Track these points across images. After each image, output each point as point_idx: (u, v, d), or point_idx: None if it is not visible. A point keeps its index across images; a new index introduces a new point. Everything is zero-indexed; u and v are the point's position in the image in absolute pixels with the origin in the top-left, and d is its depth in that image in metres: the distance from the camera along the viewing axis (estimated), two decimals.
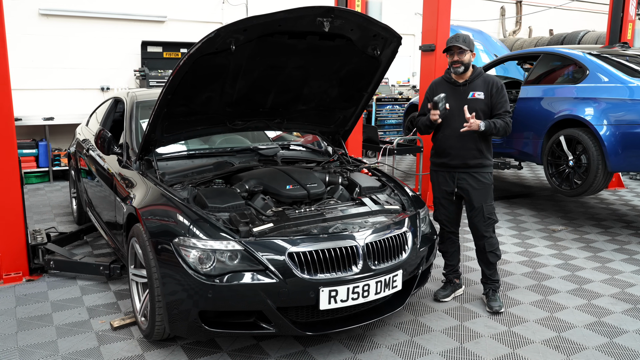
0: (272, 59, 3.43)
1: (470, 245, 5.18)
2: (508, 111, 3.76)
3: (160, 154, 3.98)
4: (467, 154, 3.77)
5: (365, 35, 3.46)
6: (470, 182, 3.80)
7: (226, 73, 3.38)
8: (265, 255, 2.91)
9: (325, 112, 4.23)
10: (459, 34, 3.75)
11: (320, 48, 3.49)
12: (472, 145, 3.76)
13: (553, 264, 4.87)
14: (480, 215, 3.83)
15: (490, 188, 3.85)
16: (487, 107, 3.76)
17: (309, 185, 3.56)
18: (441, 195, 3.96)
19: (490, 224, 3.86)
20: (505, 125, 3.71)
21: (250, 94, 3.70)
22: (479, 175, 3.80)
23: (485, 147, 3.81)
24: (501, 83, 3.79)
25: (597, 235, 5.77)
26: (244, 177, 3.66)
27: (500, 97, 3.74)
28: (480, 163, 3.79)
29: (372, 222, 3.30)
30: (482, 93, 3.75)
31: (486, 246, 3.87)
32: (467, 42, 3.70)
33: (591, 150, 5.40)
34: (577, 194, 5.69)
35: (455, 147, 3.78)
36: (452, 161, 3.82)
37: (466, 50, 3.67)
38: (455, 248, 4.10)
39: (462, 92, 3.79)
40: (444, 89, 3.82)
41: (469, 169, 3.80)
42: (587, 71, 5.73)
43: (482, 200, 3.81)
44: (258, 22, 2.99)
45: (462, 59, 3.69)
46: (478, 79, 3.79)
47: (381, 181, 4.00)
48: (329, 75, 3.83)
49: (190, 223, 3.01)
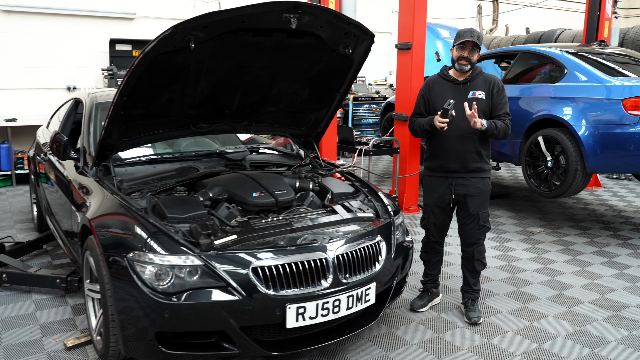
0: (236, 57, 3.22)
1: (449, 249, 5.04)
2: (508, 113, 3.55)
3: (120, 159, 3.74)
4: (466, 156, 3.55)
5: (335, 32, 3.27)
6: (468, 188, 3.58)
7: (187, 73, 3.15)
8: (228, 270, 2.69)
9: (296, 114, 4.03)
10: (473, 29, 3.51)
11: (288, 46, 3.28)
12: (471, 147, 3.54)
13: (532, 269, 4.74)
14: (474, 222, 3.64)
15: (488, 195, 3.67)
16: (487, 107, 3.55)
17: (277, 192, 3.35)
18: (434, 203, 3.72)
19: (484, 232, 3.69)
20: (506, 127, 3.50)
21: (215, 95, 3.48)
22: (478, 181, 3.59)
23: (485, 151, 3.60)
24: (502, 83, 3.60)
25: (576, 237, 5.66)
26: (208, 184, 3.44)
27: (501, 98, 3.54)
28: (479, 167, 3.58)
29: (344, 231, 3.11)
30: (483, 93, 3.53)
31: (475, 253, 3.69)
32: (481, 39, 3.48)
33: (569, 151, 5.28)
34: (555, 195, 5.58)
35: (453, 150, 3.55)
36: (449, 164, 3.60)
37: (479, 48, 3.49)
38: (439, 258, 3.92)
39: (462, 90, 3.57)
40: (442, 87, 3.62)
41: (467, 174, 3.58)
42: (565, 70, 5.62)
43: (478, 208, 3.62)
44: (219, 18, 2.77)
45: (472, 56, 3.47)
46: (478, 77, 3.58)
47: (354, 186, 3.81)
48: (299, 75, 3.62)
49: (146, 236, 2.77)
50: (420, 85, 6.47)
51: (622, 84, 5.08)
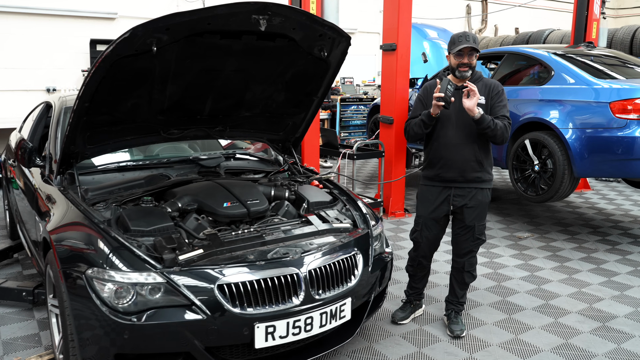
0: (205, 61, 3.05)
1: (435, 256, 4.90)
2: (507, 117, 3.33)
3: (89, 166, 3.57)
4: (464, 165, 3.35)
5: (309, 35, 3.11)
6: (466, 199, 3.39)
7: (152, 77, 2.99)
8: (192, 287, 2.53)
9: (272, 119, 3.87)
10: (468, 33, 3.34)
11: (260, 49, 3.12)
12: (470, 155, 3.35)
13: (519, 276, 4.61)
14: (469, 234, 3.47)
15: (486, 207, 3.49)
16: (485, 111, 3.32)
17: (249, 202, 3.20)
18: (428, 215, 3.52)
19: (478, 244, 3.52)
20: (504, 128, 3.26)
21: (184, 100, 3.31)
22: (477, 192, 3.39)
23: (486, 160, 3.40)
24: (501, 87, 3.41)
25: (564, 243, 5.55)
26: (178, 194, 3.28)
27: (499, 102, 3.34)
28: (479, 177, 3.38)
29: (318, 244, 2.96)
30: (483, 98, 3.33)
31: (466, 265, 3.54)
32: (477, 42, 3.30)
33: (557, 155, 5.17)
34: (543, 200, 5.46)
35: (451, 158, 3.37)
36: (447, 173, 3.41)
37: (477, 51, 3.31)
38: (425, 272, 3.75)
39: (461, 96, 3.34)
40: None
41: (466, 184, 3.39)
42: (552, 72, 5.50)
43: (475, 220, 3.44)
44: (182, 20, 2.61)
45: (471, 61, 3.29)
46: (478, 82, 3.37)
47: (332, 194, 3.66)
48: (273, 79, 3.47)
49: (106, 251, 2.61)
50: (406, 87, 6.38)
51: (610, 87, 4.97)
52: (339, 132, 10.92)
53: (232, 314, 2.53)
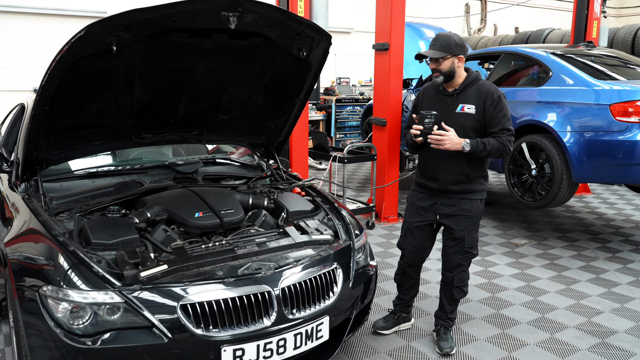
0: (174, 62, 2.85)
1: (427, 265, 4.70)
2: (507, 129, 3.02)
3: (55, 173, 3.38)
4: (449, 178, 3.14)
5: (286, 33, 2.91)
6: (453, 209, 3.19)
7: (117, 79, 2.79)
8: (153, 307, 2.33)
9: (252, 122, 3.68)
10: (439, 36, 3.07)
11: (233, 49, 2.92)
12: (457, 168, 3.10)
13: (514, 287, 4.40)
14: (458, 247, 3.25)
15: (477, 218, 3.25)
16: (478, 123, 3.06)
17: (223, 212, 2.99)
18: (414, 221, 3.33)
19: (468, 258, 3.30)
20: (501, 146, 2.98)
21: (155, 103, 3.12)
22: (466, 203, 3.17)
23: (475, 171, 3.14)
24: (499, 94, 3.05)
25: (562, 250, 5.33)
26: (148, 202, 3.07)
27: (496, 112, 3.01)
28: (466, 189, 3.16)
29: (295, 258, 2.76)
30: (473, 106, 3.05)
31: (455, 280, 3.31)
32: (447, 45, 3.01)
33: (555, 159, 4.96)
34: (540, 205, 5.25)
35: (436, 169, 3.16)
36: (432, 183, 3.22)
37: (444, 57, 3.01)
38: (413, 283, 3.54)
39: (449, 103, 3.12)
40: (431, 99, 3.21)
41: (453, 195, 3.18)
42: (550, 72, 5.29)
43: (464, 232, 3.20)
44: (143, 17, 2.41)
45: (439, 67, 3.04)
46: (471, 87, 3.09)
47: (315, 202, 3.46)
48: (250, 81, 3.27)
49: (63, 266, 2.41)
50: (399, 88, 6.17)
51: (611, 88, 4.75)
52: (334, 133, 10.72)
53: (196, 336, 2.33)
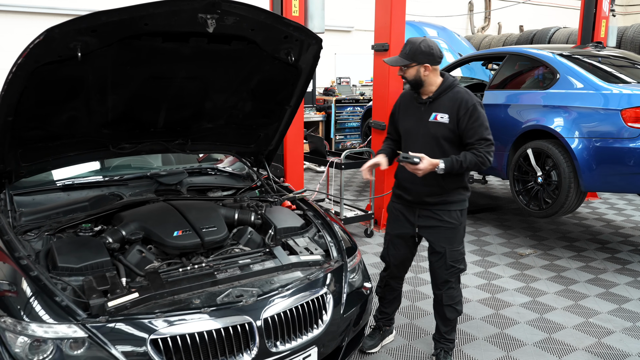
0: (149, 68, 2.62)
1: (425, 277, 4.47)
2: (485, 138, 2.84)
3: (28, 185, 3.15)
4: (424, 190, 2.99)
5: (272, 36, 2.67)
6: (431, 221, 3.03)
7: (87, 87, 2.55)
8: (120, 342, 2.10)
9: (240, 130, 3.44)
10: (407, 42, 2.92)
11: (215, 53, 2.69)
12: (432, 181, 2.93)
13: (519, 302, 4.16)
14: (441, 261, 3.06)
15: (458, 230, 3.05)
16: (452, 133, 2.89)
17: (204, 230, 2.76)
18: (394, 233, 3.21)
19: (453, 274, 3.09)
20: (479, 159, 2.81)
21: (132, 111, 2.89)
22: (444, 214, 3.01)
23: (452, 184, 2.97)
24: (475, 102, 2.87)
25: (569, 261, 5.09)
26: (125, 219, 2.85)
27: (472, 121, 2.84)
28: (443, 200, 2.99)
29: (281, 282, 2.52)
30: (447, 115, 2.88)
31: (444, 298, 3.11)
32: (412, 53, 2.86)
33: (562, 166, 4.71)
34: (546, 215, 5.00)
35: (411, 181, 2.99)
36: (408, 196, 3.07)
37: (408, 65, 2.87)
38: (395, 295, 3.40)
39: (422, 112, 2.97)
40: (408, 106, 3.07)
41: (429, 206, 3.03)
42: (557, 75, 5.03)
43: (445, 244, 3.03)
44: (109, 20, 2.18)
45: (405, 74, 2.92)
46: (445, 95, 2.92)
47: (306, 217, 3.22)
48: (236, 87, 3.03)
49: (24, 294, 2.19)
50: (399, 91, 5.92)
51: (621, 92, 4.50)
52: (334, 134, 10.48)
53: None
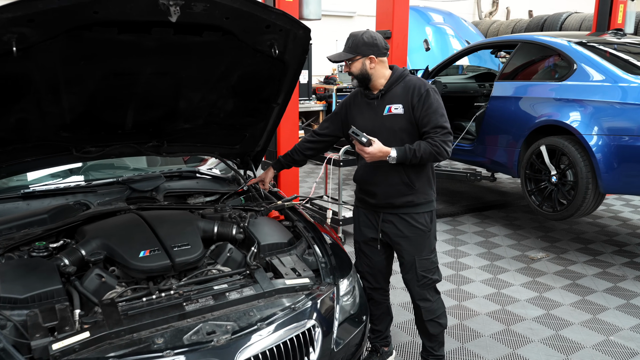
0: (108, 63, 2.25)
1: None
2: (441, 126, 2.59)
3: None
4: (389, 190, 2.72)
5: (251, 26, 2.29)
6: (397, 226, 2.77)
7: (34, 86, 2.19)
8: None
9: (222, 130, 3.08)
10: (349, 36, 2.69)
11: (185, 46, 2.31)
12: (396, 178, 2.69)
13: (532, 316, 3.81)
14: (411, 272, 2.81)
15: (426, 235, 2.77)
16: (409, 123, 2.65)
17: (176, 249, 2.40)
18: (362, 240, 2.94)
19: (425, 285, 2.82)
20: (434, 149, 2.55)
21: (93, 112, 2.52)
22: (409, 218, 2.74)
23: (419, 179, 2.72)
24: (427, 87, 2.65)
25: (585, 267, 4.72)
26: (87, 234, 2.49)
27: (425, 108, 2.60)
28: (410, 202, 2.72)
29: (261, 315, 2.16)
30: (401, 105, 2.65)
31: (424, 313, 2.85)
32: (355, 45, 2.64)
33: (579, 165, 4.33)
34: (561, 217, 4.63)
35: (373, 182, 2.76)
36: (371, 199, 2.80)
37: (352, 59, 2.65)
38: (383, 310, 3.07)
39: (375, 107, 2.71)
40: (357, 105, 2.82)
41: (394, 209, 2.75)
42: (574, 65, 4.63)
43: (414, 252, 2.77)
44: (48, 7, 1.80)
45: (350, 69, 2.69)
46: (397, 85, 2.69)
47: (295, 229, 2.86)
48: (214, 84, 2.66)
49: None
50: None
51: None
52: None
53: None
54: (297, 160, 3.12)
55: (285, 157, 3.13)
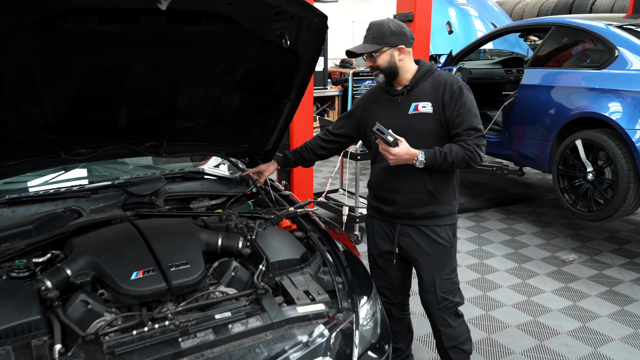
0: (91, 57, 1.93)
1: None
2: (474, 128, 2.29)
3: None
4: (410, 198, 2.43)
5: (258, 13, 1.96)
6: (416, 240, 2.48)
7: (6, 84, 1.89)
8: None
9: (228, 128, 2.76)
10: (370, 25, 2.39)
11: (182, 37, 1.99)
12: (418, 185, 2.40)
13: (567, 330, 3.49)
14: (430, 293, 2.51)
15: (448, 252, 2.49)
16: (439, 124, 2.36)
17: (174, 269, 2.10)
18: (377, 253, 2.66)
19: (446, 309, 2.52)
20: (466, 153, 2.26)
21: (80, 111, 2.22)
22: (430, 231, 2.45)
23: (443, 188, 2.43)
24: (460, 84, 2.35)
25: (621, 271, 4.37)
26: (76, 249, 2.21)
27: (458, 107, 2.31)
28: (432, 212, 2.44)
29: (269, 352, 1.87)
30: (429, 103, 2.35)
31: (444, 339, 2.56)
32: (380, 34, 2.33)
33: (620, 162, 3.96)
34: (598, 218, 4.27)
35: (392, 188, 2.47)
36: (388, 208, 2.50)
37: (378, 50, 2.33)
38: (403, 326, 2.80)
39: (399, 105, 2.41)
40: (377, 102, 2.50)
41: (414, 220, 2.46)
42: (615, 52, 4.22)
43: (433, 271, 2.49)
44: None
45: (376, 63, 2.37)
46: (424, 81, 2.39)
47: (309, 241, 2.55)
48: (217, 78, 2.33)
49: None
50: None
51: None
52: None
53: None
54: (307, 159, 2.82)
55: (294, 154, 2.84)
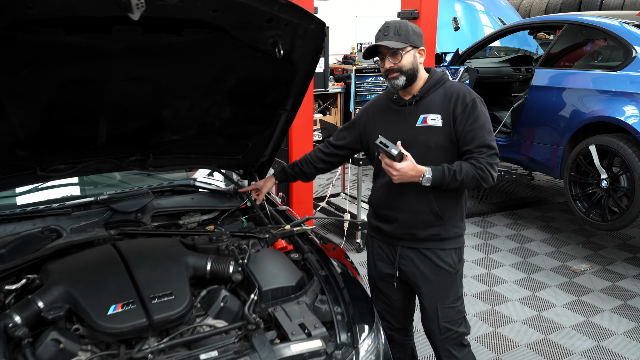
0: (62, 69, 1.72)
1: None
2: (488, 145, 2.11)
3: None
4: (412, 218, 2.24)
5: (248, 20, 1.75)
6: (417, 264, 2.29)
7: None
8: None
9: (219, 141, 2.56)
10: (390, 23, 2.16)
11: (164, 47, 1.78)
12: (422, 205, 2.21)
13: (581, 350, 3.29)
14: (433, 323, 2.33)
15: (452, 278, 2.30)
16: (448, 139, 2.16)
17: (156, 301, 1.91)
18: (377, 276, 2.47)
19: (450, 340, 2.33)
20: (478, 173, 2.07)
21: (54, 126, 2.02)
22: (433, 255, 2.27)
23: (449, 209, 2.24)
24: (474, 96, 2.15)
25: (636, 282, 4.17)
26: (50, 277, 2.02)
27: (470, 121, 2.12)
28: (436, 235, 2.25)
29: None
30: (439, 116, 2.16)
31: None
32: (405, 33, 2.13)
33: (637, 170, 3.75)
34: (612, 228, 4.07)
35: (393, 206, 2.28)
36: (388, 227, 2.31)
37: (404, 48, 2.12)
38: (407, 352, 2.61)
39: (406, 116, 2.21)
40: (382, 112, 2.30)
41: (417, 243, 2.27)
42: (632, 53, 4.00)
43: (436, 298, 2.31)
44: None
45: (399, 64, 2.13)
46: (434, 91, 2.20)
47: (306, 264, 2.35)
48: (205, 89, 2.13)
49: None
50: (431, 65, 4.94)
51: None
52: (354, 108, 9.49)
53: None
54: (307, 173, 2.63)
55: (292, 168, 2.65)
